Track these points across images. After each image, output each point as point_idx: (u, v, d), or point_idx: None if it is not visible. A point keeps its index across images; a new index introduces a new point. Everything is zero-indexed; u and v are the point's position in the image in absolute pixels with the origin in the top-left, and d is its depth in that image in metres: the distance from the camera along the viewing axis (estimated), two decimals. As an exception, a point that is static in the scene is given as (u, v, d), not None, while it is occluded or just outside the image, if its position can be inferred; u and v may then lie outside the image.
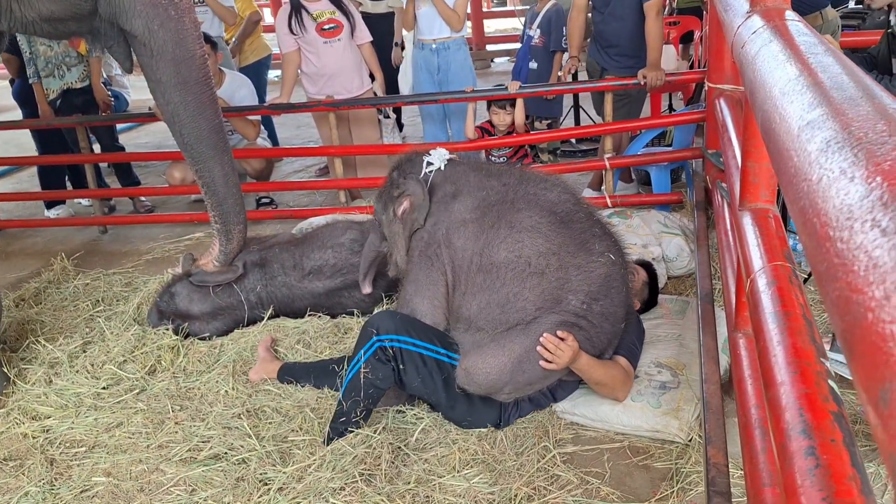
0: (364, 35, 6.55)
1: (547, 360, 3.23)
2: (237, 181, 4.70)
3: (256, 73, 8.23)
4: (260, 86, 8.11)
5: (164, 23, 4.03)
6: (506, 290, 3.37)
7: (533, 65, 7.16)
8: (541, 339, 3.23)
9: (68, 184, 7.56)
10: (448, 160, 3.84)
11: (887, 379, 0.63)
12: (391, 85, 7.44)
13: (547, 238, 3.36)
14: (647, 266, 4.21)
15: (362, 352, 3.42)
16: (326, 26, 6.30)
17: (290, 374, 3.92)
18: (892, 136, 0.88)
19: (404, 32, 7.44)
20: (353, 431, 3.39)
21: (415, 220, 3.76)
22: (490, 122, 6.16)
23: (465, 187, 3.66)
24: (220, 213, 4.62)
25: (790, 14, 2.05)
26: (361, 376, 3.37)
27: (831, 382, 1.58)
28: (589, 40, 6.40)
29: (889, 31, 4.05)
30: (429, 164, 3.81)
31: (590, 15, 6.34)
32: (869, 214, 0.76)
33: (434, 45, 6.50)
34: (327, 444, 3.37)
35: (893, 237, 0.69)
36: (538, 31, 7.14)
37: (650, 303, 4.18)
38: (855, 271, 0.73)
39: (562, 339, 3.21)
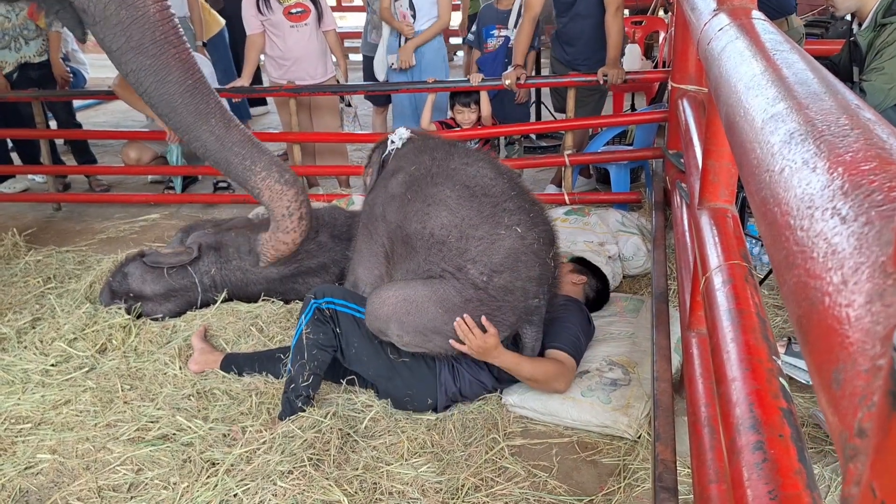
0: (330, 22, 6.55)
1: (459, 341, 3.34)
2: (239, 136, 4.14)
3: (216, 47, 8.25)
4: (225, 59, 8.14)
5: None
6: (418, 258, 3.48)
7: None
8: (457, 319, 3.30)
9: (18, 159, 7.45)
10: (408, 139, 3.99)
11: (841, 361, 0.64)
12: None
13: (451, 211, 3.44)
14: (580, 261, 4.31)
15: (303, 316, 3.56)
16: (294, 10, 6.28)
17: (234, 363, 3.90)
18: (853, 129, 0.89)
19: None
20: (304, 408, 3.44)
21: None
22: (454, 118, 6.15)
23: (404, 164, 3.80)
24: (239, 179, 4.25)
25: (756, 13, 2.07)
26: (304, 338, 3.49)
27: (782, 379, 1.60)
28: (551, 40, 6.38)
29: (851, 39, 4.09)
30: (391, 142, 4.00)
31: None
32: (829, 203, 0.76)
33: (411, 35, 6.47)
34: (281, 419, 3.42)
35: (853, 224, 0.70)
36: (515, 31, 7.05)
37: (602, 297, 4.23)
38: (814, 258, 0.74)
39: (482, 330, 3.29)
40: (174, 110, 3.93)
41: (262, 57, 6.63)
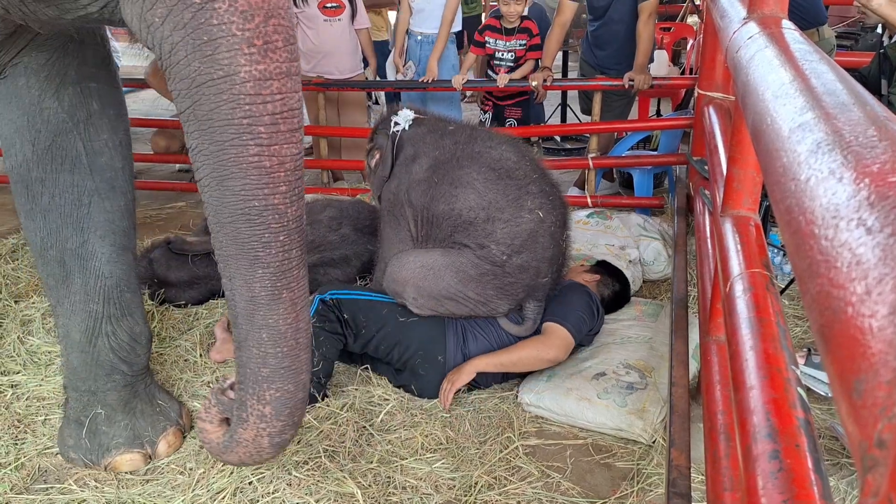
0: (364, 21, 6.63)
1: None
2: (285, 323, 2.37)
3: None
4: None
5: None
6: (442, 234, 3.66)
7: None
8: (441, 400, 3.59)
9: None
10: (413, 120, 4.03)
11: (863, 371, 0.64)
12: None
13: (479, 194, 3.59)
14: (603, 265, 4.37)
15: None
16: (329, 4, 6.33)
17: None
18: (882, 140, 0.89)
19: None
20: (317, 394, 3.46)
21: (382, 171, 4.03)
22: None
23: (423, 148, 3.88)
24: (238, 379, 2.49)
25: (786, 23, 2.07)
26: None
27: (800, 389, 1.59)
28: (582, 43, 6.41)
29: (881, 51, 4.07)
30: (395, 123, 4.02)
31: (584, 16, 6.35)
32: (855, 213, 0.77)
33: (419, 37, 6.50)
34: None
35: (878, 236, 0.70)
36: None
37: (620, 298, 4.26)
38: (838, 268, 0.74)
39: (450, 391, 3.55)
40: (222, 228, 2.31)
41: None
